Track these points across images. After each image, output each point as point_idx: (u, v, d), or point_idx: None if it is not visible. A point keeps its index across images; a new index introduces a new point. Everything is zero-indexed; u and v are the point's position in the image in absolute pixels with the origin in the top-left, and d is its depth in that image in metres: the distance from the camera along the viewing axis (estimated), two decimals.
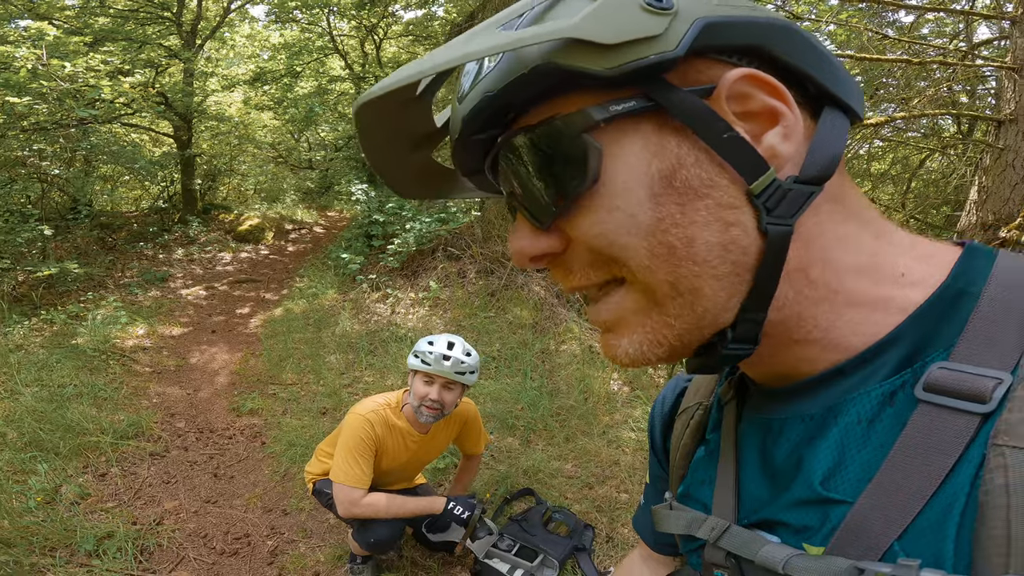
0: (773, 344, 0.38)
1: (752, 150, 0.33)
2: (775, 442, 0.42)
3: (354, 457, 1.93)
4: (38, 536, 2.32)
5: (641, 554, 0.76)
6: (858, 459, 0.35)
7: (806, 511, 0.37)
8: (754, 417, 0.45)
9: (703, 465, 0.51)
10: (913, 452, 0.33)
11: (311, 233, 9.72)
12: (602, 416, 3.73)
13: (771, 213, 0.33)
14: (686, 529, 0.46)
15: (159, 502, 2.76)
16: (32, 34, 5.09)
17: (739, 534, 0.40)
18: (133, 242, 7.75)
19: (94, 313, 5.29)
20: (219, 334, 5.50)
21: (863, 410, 0.36)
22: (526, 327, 5.08)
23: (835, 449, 0.37)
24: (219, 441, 3.48)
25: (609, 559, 2.42)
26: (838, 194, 0.37)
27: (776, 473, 0.41)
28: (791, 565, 0.35)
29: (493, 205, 6.70)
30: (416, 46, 9.46)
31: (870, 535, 0.33)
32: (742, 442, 0.46)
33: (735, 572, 0.41)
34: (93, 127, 6.89)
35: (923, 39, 5.52)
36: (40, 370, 4.00)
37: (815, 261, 0.36)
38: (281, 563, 2.36)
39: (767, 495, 0.41)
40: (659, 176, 0.34)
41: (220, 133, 9.66)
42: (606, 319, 0.39)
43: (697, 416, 0.54)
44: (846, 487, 0.35)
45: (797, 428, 0.40)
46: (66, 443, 3.07)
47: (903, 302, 0.36)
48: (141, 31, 7.93)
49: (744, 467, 0.45)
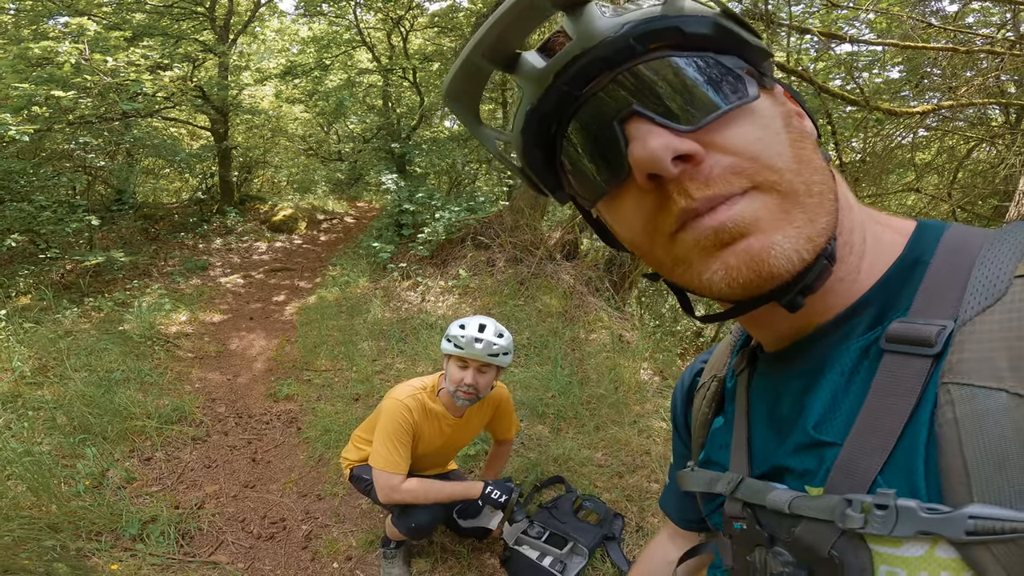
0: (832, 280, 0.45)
1: (812, 118, 0.45)
2: (780, 397, 0.48)
3: (393, 443, 1.93)
4: (85, 520, 2.40)
5: (668, 533, 0.81)
6: (843, 405, 0.41)
7: (805, 455, 0.43)
8: (763, 380, 0.52)
9: (721, 432, 0.57)
10: (883, 394, 0.38)
11: (342, 223, 9.87)
12: (633, 405, 3.68)
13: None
14: (707, 486, 0.52)
15: (200, 486, 2.85)
16: (73, 30, 5.23)
17: (751, 484, 0.46)
18: (174, 232, 8.00)
19: (139, 300, 5.49)
20: (256, 321, 5.65)
21: (845, 363, 0.42)
22: (555, 315, 5.05)
23: (827, 397, 0.42)
24: (257, 426, 3.57)
25: (638, 548, 2.39)
26: None
27: (780, 424, 0.47)
28: (795, 505, 0.40)
29: (522, 194, 6.65)
30: (442, 37, 9.41)
31: (858, 472, 0.37)
32: (753, 403, 0.52)
33: (752, 521, 0.45)
34: (135, 121, 7.11)
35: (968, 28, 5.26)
36: (89, 355, 4.17)
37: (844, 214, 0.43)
38: (315, 547, 2.41)
39: (773, 446, 0.47)
40: (784, 117, 0.42)
41: (254, 126, 9.85)
42: (749, 221, 0.38)
43: (713, 387, 0.60)
44: (835, 430, 0.41)
45: (798, 382, 0.46)
46: (113, 427, 3.19)
47: (870, 267, 0.44)
48: (177, 26, 8.10)
49: (754, 425, 0.51)
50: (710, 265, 0.39)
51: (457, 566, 2.28)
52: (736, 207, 0.38)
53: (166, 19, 7.97)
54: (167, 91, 6.87)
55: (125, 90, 5.71)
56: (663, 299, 7.15)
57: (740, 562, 0.47)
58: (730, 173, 0.38)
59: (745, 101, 0.39)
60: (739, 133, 0.39)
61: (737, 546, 0.48)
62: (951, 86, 4.66)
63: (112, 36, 5.56)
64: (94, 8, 6.67)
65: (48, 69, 5.25)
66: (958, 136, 5.99)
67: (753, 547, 0.45)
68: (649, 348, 4.52)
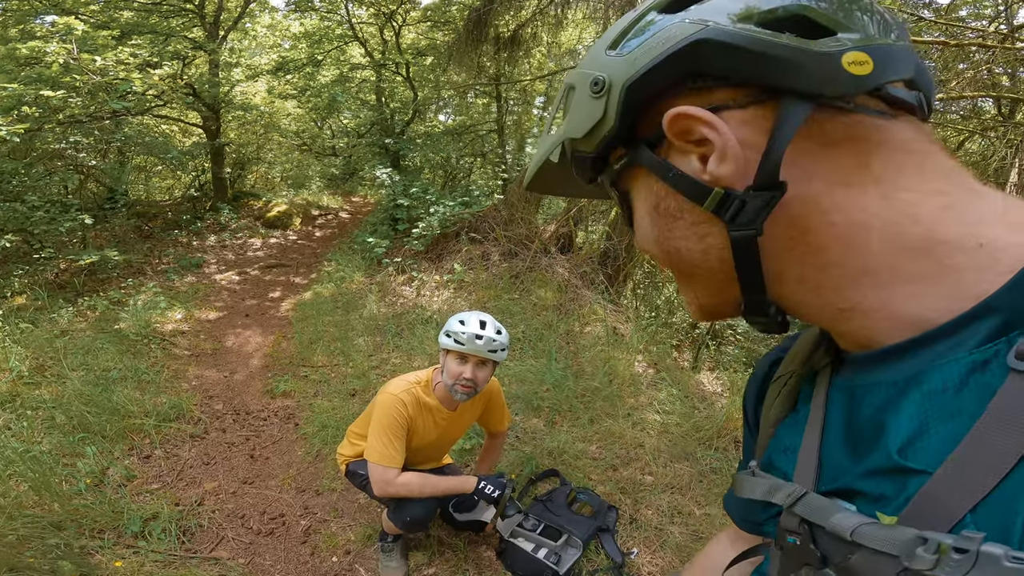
0: (818, 314, 0.43)
1: (691, 180, 0.40)
2: (858, 408, 0.43)
3: (388, 437, 1.95)
4: (87, 519, 2.43)
5: (729, 535, 0.77)
6: (941, 429, 0.35)
7: (882, 480, 0.38)
8: (842, 383, 0.46)
9: (788, 433, 0.52)
10: (1000, 422, 0.32)
11: (337, 218, 9.86)
12: (627, 398, 3.73)
13: (735, 221, 0.39)
14: (765, 495, 0.48)
15: (200, 483, 2.89)
16: (60, 29, 5.20)
17: (814, 500, 0.42)
18: (168, 230, 7.98)
19: (135, 299, 5.49)
20: (252, 318, 5.66)
21: (949, 377, 0.35)
22: (550, 309, 5.09)
23: (916, 417, 0.36)
24: (255, 423, 3.61)
25: (632, 540, 2.45)
26: (860, 177, 0.38)
27: (857, 440, 0.42)
28: (859, 532, 0.36)
29: (516, 188, 6.67)
30: (435, 31, 9.37)
31: (945, 506, 0.33)
32: (830, 409, 0.47)
33: (807, 539, 0.42)
34: (126, 119, 7.07)
35: (961, 21, 5.30)
36: (86, 354, 4.19)
37: (830, 245, 0.39)
38: (314, 542, 2.46)
39: (847, 463, 0.42)
40: (652, 207, 0.45)
41: (247, 122, 9.80)
42: (680, 291, 0.50)
43: (790, 384, 0.55)
44: (926, 456, 0.35)
45: (879, 394, 0.40)
46: (112, 426, 3.22)
47: (980, 275, 0.36)
48: (165, 24, 8.04)
49: (828, 434, 0.46)
50: None
51: (454, 559, 2.33)
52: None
53: (155, 17, 7.91)
54: (157, 89, 6.84)
55: (114, 89, 5.68)
56: (658, 291, 7.20)
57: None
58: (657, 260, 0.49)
59: (627, 217, 0.49)
60: (638, 236, 0.49)
61: (785, 559, 0.45)
62: (943, 79, 4.70)
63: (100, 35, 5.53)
64: (81, 7, 6.61)
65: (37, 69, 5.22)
66: (950, 128, 6.06)
67: (801, 565, 0.43)
68: (644, 340, 4.57)
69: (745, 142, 0.38)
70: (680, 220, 0.43)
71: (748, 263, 0.41)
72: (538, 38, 7.62)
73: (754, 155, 0.38)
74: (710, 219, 0.41)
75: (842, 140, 0.38)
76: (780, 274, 0.42)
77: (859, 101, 0.38)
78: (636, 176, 0.45)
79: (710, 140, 0.38)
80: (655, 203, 0.44)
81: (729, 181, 0.39)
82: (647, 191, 0.45)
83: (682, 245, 0.43)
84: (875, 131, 0.38)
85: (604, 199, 0.59)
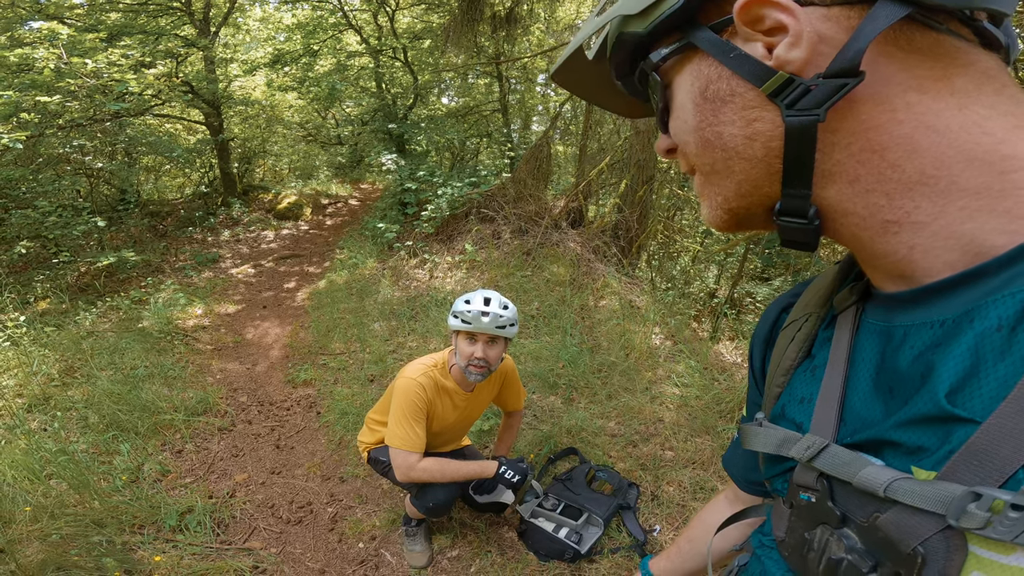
0: (859, 227, 0.39)
1: (755, 61, 0.39)
2: (897, 351, 0.39)
3: (409, 422, 1.96)
4: (126, 515, 2.52)
5: (728, 496, 0.75)
6: (994, 372, 0.32)
7: (923, 430, 0.35)
8: (875, 325, 0.43)
9: (803, 382, 0.49)
10: None
11: (347, 206, 9.88)
12: (644, 372, 3.72)
13: (794, 107, 0.37)
14: (776, 448, 0.45)
15: (230, 475, 2.97)
16: (45, 34, 5.18)
17: (839, 454, 0.39)
18: (182, 227, 8.09)
19: (155, 297, 5.61)
20: (270, 309, 5.75)
21: (1005, 314, 0.32)
22: (563, 284, 5.07)
23: (968, 357, 0.33)
24: (278, 413, 3.68)
25: (654, 517, 2.46)
26: (937, 87, 0.36)
27: (894, 387, 0.39)
28: (894, 488, 0.34)
29: (523, 165, 6.59)
30: (430, 14, 9.18)
31: (995, 460, 0.30)
32: (856, 355, 0.44)
33: (824, 496, 0.40)
34: (127, 120, 7.10)
35: None
36: (112, 354, 4.30)
37: (893, 145, 0.36)
38: (341, 529, 2.52)
39: (879, 413, 0.39)
40: (698, 92, 0.43)
41: (249, 117, 9.79)
42: (698, 192, 0.48)
43: (805, 328, 0.51)
44: (976, 403, 0.32)
45: (924, 335, 0.37)
46: (143, 423, 3.32)
47: None
48: (154, 23, 8.00)
49: (853, 382, 0.43)
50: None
51: (476, 541, 2.38)
52: (693, 181, 0.48)
53: (142, 17, 7.86)
54: (154, 89, 6.84)
55: (111, 91, 5.69)
56: (673, 261, 7.11)
57: (795, 536, 0.43)
58: (683, 157, 0.47)
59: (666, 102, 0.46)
60: (673, 128, 0.47)
61: (797, 519, 0.43)
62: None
63: (87, 38, 5.52)
64: (65, 11, 6.58)
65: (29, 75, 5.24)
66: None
67: (816, 524, 0.41)
68: (660, 312, 4.53)
69: (823, 35, 0.36)
70: (729, 104, 0.41)
71: (802, 152, 0.38)
72: (535, 15, 7.44)
73: (828, 49, 0.36)
74: (763, 104, 0.39)
75: (928, 51, 0.36)
76: (831, 172, 0.39)
77: (951, 26, 0.36)
78: (684, 62, 0.43)
79: (782, 28, 0.37)
80: (703, 86, 0.42)
81: (797, 67, 0.37)
82: (694, 77, 0.43)
83: (725, 130, 0.41)
84: (962, 53, 0.36)
85: (618, 113, 0.59)
